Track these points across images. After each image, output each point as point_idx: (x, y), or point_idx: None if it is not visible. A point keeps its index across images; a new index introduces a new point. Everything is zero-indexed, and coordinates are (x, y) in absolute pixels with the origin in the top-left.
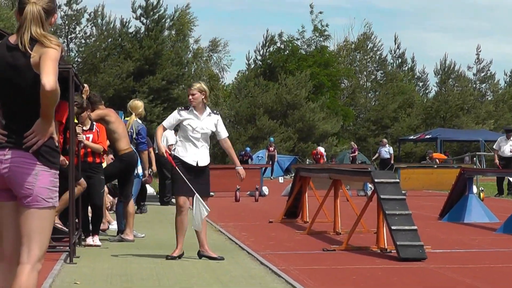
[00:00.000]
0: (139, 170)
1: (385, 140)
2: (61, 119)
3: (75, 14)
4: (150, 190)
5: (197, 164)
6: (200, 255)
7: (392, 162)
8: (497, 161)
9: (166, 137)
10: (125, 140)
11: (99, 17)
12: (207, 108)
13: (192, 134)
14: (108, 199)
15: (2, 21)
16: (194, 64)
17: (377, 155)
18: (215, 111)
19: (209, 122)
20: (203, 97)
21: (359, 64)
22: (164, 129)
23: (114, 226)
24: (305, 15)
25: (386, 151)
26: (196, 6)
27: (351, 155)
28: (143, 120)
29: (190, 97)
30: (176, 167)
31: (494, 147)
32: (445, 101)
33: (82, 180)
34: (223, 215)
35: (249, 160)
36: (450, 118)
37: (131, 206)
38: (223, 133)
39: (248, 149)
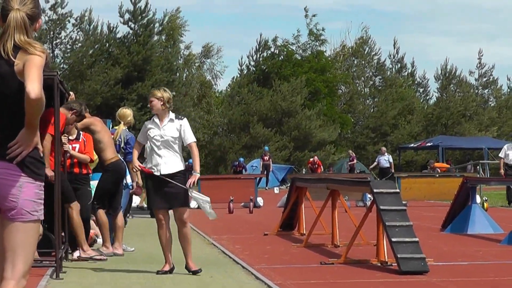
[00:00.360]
0: (128, 180)
1: (383, 148)
2: (52, 132)
3: (60, 19)
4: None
5: (160, 173)
6: (188, 269)
7: (392, 171)
8: (502, 170)
9: None
10: (111, 149)
11: (85, 21)
12: (170, 114)
13: (152, 144)
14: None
15: None
16: (186, 70)
17: (375, 163)
18: (180, 116)
19: (170, 128)
20: (161, 103)
21: (356, 70)
22: (140, 144)
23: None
24: (300, 19)
25: (386, 159)
26: (187, 10)
27: (349, 163)
28: (132, 128)
29: (149, 104)
30: (158, 176)
31: (500, 155)
32: (447, 107)
33: (76, 204)
34: (216, 228)
35: (243, 170)
36: (452, 125)
37: (120, 218)
38: (188, 139)
39: (241, 159)
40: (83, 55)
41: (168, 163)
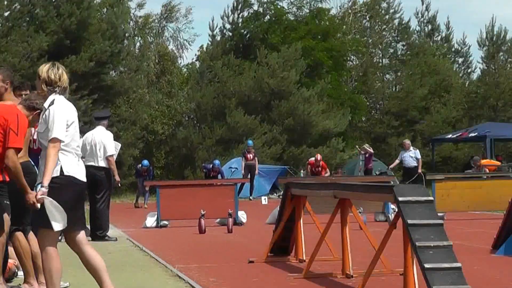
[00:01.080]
0: None
1: (407, 141)
2: (17, 144)
3: None
4: None
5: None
6: None
7: (419, 171)
8: None
9: (104, 146)
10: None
11: None
12: (49, 99)
13: None
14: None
15: None
16: (139, 38)
17: (396, 161)
18: (52, 102)
19: (40, 121)
20: (42, 85)
21: (371, 34)
22: None
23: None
24: None
25: (412, 156)
26: None
27: (366, 156)
28: None
29: None
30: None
31: None
32: (495, 83)
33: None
34: (183, 253)
35: (219, 176)
36: (503, 107)
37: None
38: (49, 134)
39: (217, 162)
40: None
41: (40, 168)
